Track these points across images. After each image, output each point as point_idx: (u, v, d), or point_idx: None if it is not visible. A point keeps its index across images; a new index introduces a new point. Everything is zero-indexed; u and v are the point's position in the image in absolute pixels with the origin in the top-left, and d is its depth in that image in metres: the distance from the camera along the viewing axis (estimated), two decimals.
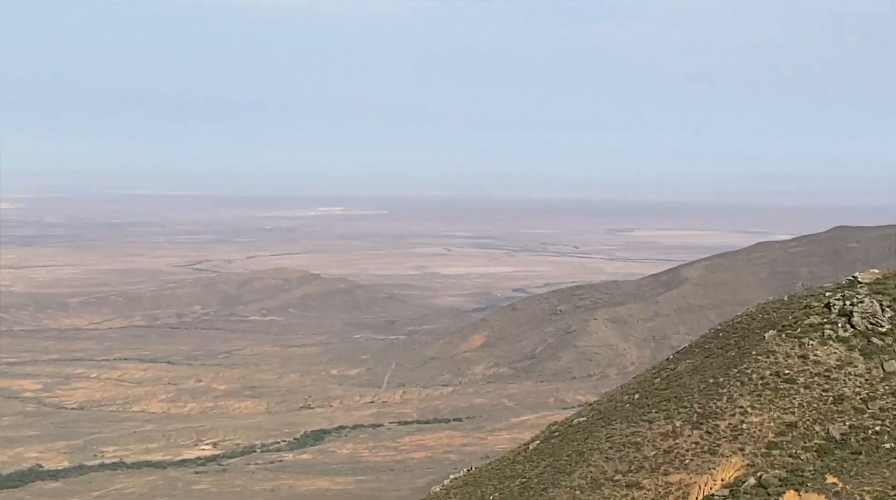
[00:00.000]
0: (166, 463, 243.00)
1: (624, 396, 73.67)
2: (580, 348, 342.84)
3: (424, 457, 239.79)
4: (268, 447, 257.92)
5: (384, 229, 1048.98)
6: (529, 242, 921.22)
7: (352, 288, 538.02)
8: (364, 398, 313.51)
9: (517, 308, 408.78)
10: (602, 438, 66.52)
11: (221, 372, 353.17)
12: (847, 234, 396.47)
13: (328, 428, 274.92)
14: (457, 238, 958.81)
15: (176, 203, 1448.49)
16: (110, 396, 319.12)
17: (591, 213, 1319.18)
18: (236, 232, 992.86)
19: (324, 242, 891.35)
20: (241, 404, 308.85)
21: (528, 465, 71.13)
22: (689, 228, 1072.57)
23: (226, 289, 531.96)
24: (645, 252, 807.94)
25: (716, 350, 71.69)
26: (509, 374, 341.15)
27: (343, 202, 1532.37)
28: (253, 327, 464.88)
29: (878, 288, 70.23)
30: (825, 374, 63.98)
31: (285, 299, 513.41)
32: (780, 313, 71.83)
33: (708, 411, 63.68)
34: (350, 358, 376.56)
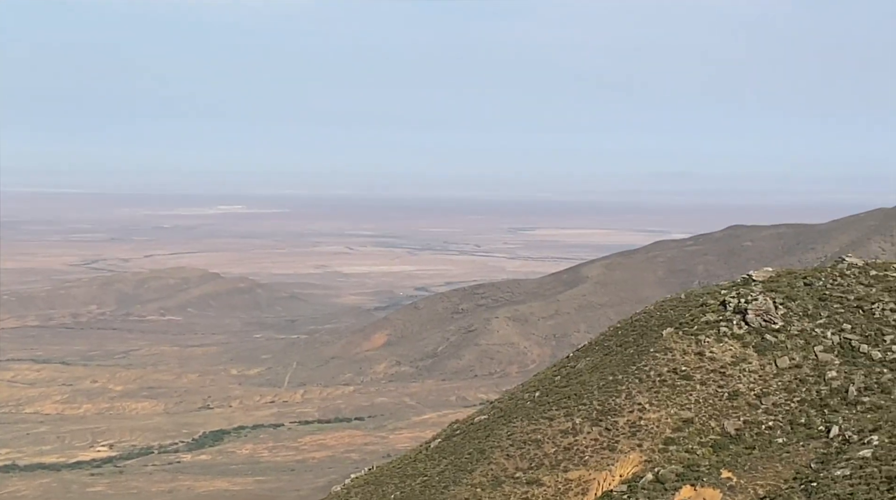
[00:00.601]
0: (61, 465, 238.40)
1: (525, 394, 74.21)
2: (482, 346, 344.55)
3: (325, 456, 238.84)
4: (166, 448, 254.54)
5: (285, 228, 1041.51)
6: (431, 241, 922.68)
7: (252, 287, 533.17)
8: (264, 398, 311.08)
9: (419, 307, 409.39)
10: (503, 436, 66.90)
11: (118, 373, 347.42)
12: (742, 233, 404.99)
13: (227, 428, 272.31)
14: (358, 237, 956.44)
15: (71, 201, 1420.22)
16: (2, 397, 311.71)
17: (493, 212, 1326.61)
18: (134, 230, 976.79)
19: (224, 241, 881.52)
20: (138, 405, 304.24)
21: (429, 463, 71.20)
22: (589, 227, 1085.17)
23: (123, 288, 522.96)
24: (546, 251, 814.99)
25: (615, 348, 72.61)
26: (411, 372, 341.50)
27: (243, 201, 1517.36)
28: (151, 327, 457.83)
29: (772, 286, 71.84)
30: (720, 370, 65.23)
31: (184, 299, 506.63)
32: (678, 310, 73.05)
33: (607, 408, 64.46)
34: (250, 358, 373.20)
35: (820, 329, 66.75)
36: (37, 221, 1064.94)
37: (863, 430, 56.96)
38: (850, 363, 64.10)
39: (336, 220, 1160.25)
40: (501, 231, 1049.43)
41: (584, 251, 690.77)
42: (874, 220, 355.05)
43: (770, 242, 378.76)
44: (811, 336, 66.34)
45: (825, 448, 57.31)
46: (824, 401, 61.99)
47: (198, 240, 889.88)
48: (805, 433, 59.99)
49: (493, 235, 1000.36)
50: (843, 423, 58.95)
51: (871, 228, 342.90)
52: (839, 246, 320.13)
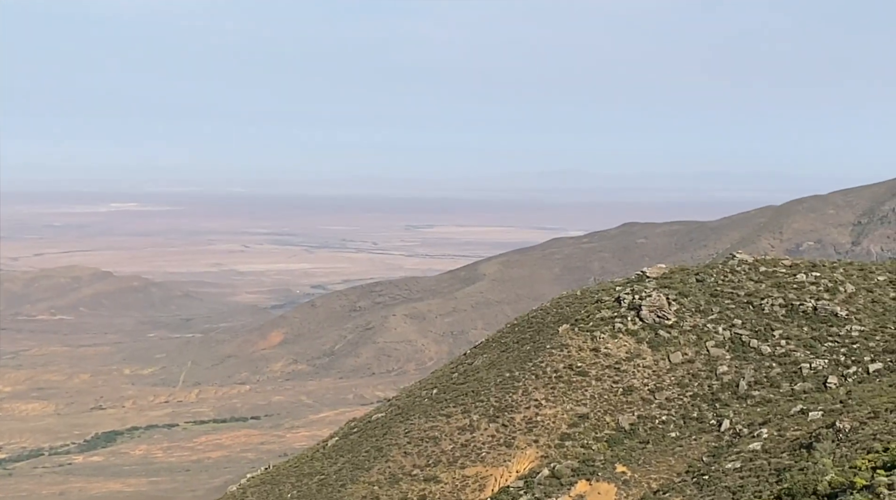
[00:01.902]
0: None
1: (422, 391, 74.18)
2: (379, 344, 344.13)
3: (221, 456, 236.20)
4: (56, 450, 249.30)
5: (178, 226, 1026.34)
6: (328, 239, 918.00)
7: (146, 286, 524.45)
8: (158, 398, 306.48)
9: (316, 305, 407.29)
10: (400, 433, 66.76)
11: (7, 373, 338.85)
12: (636, 230, 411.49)
13: (120, 429, 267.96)
14: (254, 235, 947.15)
15: None
16: None
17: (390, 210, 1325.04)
18: (22, 228, 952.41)
19: (116, 239, 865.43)
20: (28, 406, 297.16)
21: (326, 462, 70.75)
22: (486, 224, 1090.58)
23: (11, 288, 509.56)
24: (443, 248, 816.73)
25: (512, 345, 73.01)
26: (308, 371, 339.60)
27: (136, 198, 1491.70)
28: (41, 327, 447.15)
29: (665, 282, 72.97)
30: (615, 366, 66.02)
31: (76, 298, 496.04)
32: (574, 307, 73.77)
33: (504, 404, 64.74)
34: (144, 357, 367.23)
35: (712, 325, 68.00)
36: None
37: (753, 423, 58.12)
38: (740, 358, 65.41)
39: (231, 218, 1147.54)
40: (399, 229, 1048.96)
41: (480, 249, 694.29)
42: (763, 217, 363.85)
43: (663, 239, 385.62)
44: (703, 332, 67.54)
45: (717, 442, 58.35)
46: (716, 395, 63.16)
47: (90, 238, 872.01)
48: (697, 426, 61.01)
49: (391, 232, 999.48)
50: (733, 417, 60.10)
51: (760, 226, 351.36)
52: (730, 243, 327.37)
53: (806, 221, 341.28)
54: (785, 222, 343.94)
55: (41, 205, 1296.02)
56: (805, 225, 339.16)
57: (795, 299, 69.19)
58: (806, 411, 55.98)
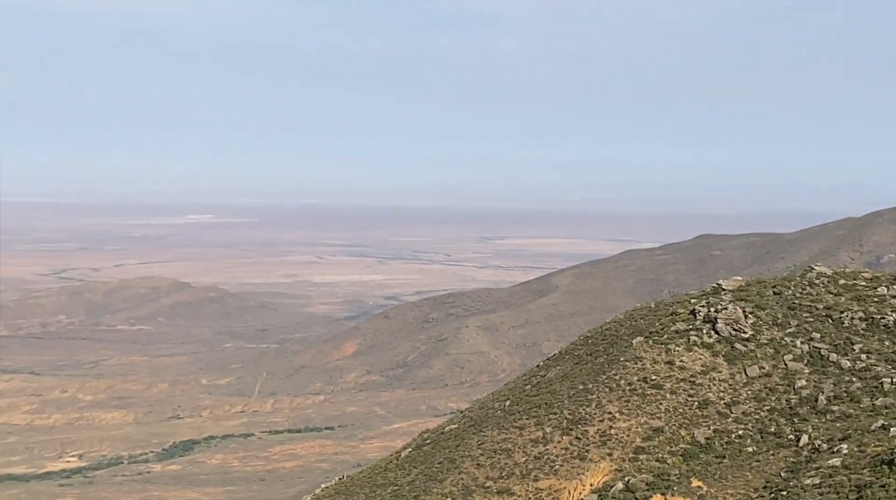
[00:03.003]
0: (29, 476, 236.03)
1: (495, 403, 73.87)
2: (452, 355, 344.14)
3: (296, 466, 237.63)
4: (135, 458, 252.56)
5: (255, 237, 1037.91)
6: (401, 250, 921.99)
7: (222, 296, 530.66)
8: (234, 408, 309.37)
9: (389, 316, 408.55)
10: (473, 445, 66.54)
11: (87, 382, 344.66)
12: (711, 242, 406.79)
13: (198, 438, 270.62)
14: (329, 246, 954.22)
15: (40, 210, 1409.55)
16: None
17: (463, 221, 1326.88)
18: (103, 240, 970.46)
19: (194, 250, 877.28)
20: (107, 415, 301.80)
21: (399, 473, 70.74)
22: (559, 236, 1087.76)
23: (92, 298, 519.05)
24: (516, 260, 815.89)
25: (585, 357, 72.44)
26: (381, 382, 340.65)
27: (213, 210, 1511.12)
28: (120, 337, 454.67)
29: (741, 295, 71.93)
30: (690, 379, 65.16)
31: (154, 308, 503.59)
32: (648, 319, 72.98)
33: (577, 417, 64.23)
34: (220, 367, 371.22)
35: (789, 338, 66.84)
36: (5, 230, 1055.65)
37: (832, 439, 57.00)
38: (819, 372, 64.20)
39: (306, 229, 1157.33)
40: (472, 240, 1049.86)
41: (553, 260, 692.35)
42: (843, 229, 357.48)
43: (739, 251, 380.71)
44: (780, 345, 66.41)
45: (795, 457, 57.31)
46: (794, 410, 62.02)
47: (168, 249, 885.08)
48: (775, 441, 59.96)
49: (464, 244, 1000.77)
50: (812, 432, 58.99)
51: (840, 238, 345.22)
52: (808, 255, 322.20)
53: (887, 233, 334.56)
54: (865, 234, 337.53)
55: (121, 216, 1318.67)
56: (886, 237, 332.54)
57: (876, 313, 67.80)
58: (887, 427, 54.77)
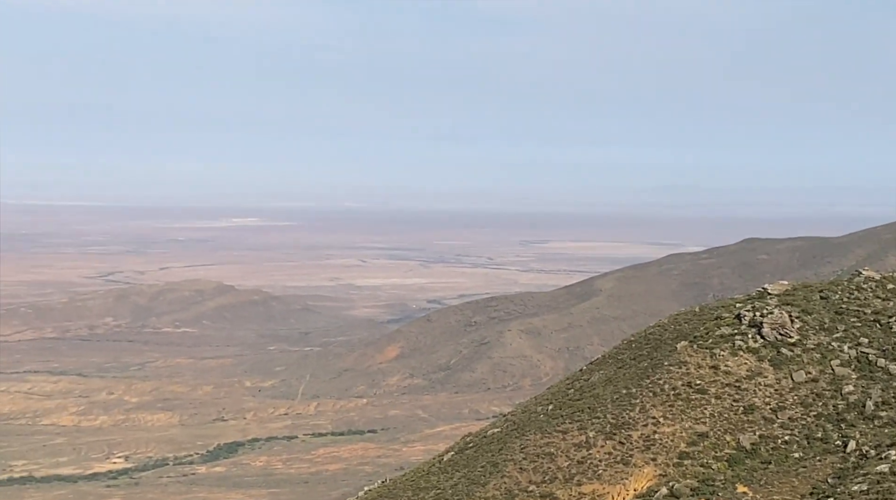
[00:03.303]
0: (77, 477, 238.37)
1: (538, 407, 73.62)
2: (494, 359, 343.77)
3: (339, 469, 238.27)
4: (181, 460, 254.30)
5: (298, 240, 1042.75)
6: (444, 254, 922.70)
7: (266, 299, 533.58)
8: (278, 410, 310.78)
9: (432, 320, 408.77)
10: (516, 449, 66.35)
11: (133, 384, 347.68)
12: (757, 246, 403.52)
13: (242, 440, 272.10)
14: (371, 249, 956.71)
15: (87, 214, 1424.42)
16: (20, 409, 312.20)
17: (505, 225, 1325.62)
18: (148, 243, 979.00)
19: (238, 254, 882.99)
20: (153, 417, 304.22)
21: (442, 476, 70.69)
22: (602, 239, 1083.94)
23: (138, 301, 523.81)
24: (559, 264, 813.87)
25: (629, 361, 72.02)
26: (424, 385, 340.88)
27: (257, 213, 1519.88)
28: (166, 339, 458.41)
29: (787, 299, 71.24)
30: (736, 384, 64.61)
31: (199, 311, 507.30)
32: (692, 324, 72.44)
33: (621, 421, 63.88)
34: (264, 370, 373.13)
35: (836, 343, 66.12)
36: (53, 233, 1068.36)
37: (880, 445, 56.32)
38: (867, 378, 63.45)
39: (349, 232, 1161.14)
40: (514, 244, 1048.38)
41: (597, 264, 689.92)
42: (891, 233, 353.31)
43: (785, 255, 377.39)
44: (827, 350, 65.71)
45: (842, 463, 56.69)
46: (841, 416, 61.34)
47: (212, 252, 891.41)
48: (822, 447, 59.35)
49: (506, 247, 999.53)
50: (860, 438, 58.31)
51: (887, 242, 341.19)
52: (855, 259, 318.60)
53: None
54: None
55: (166, 220, 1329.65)
56: None
57: None
58: None
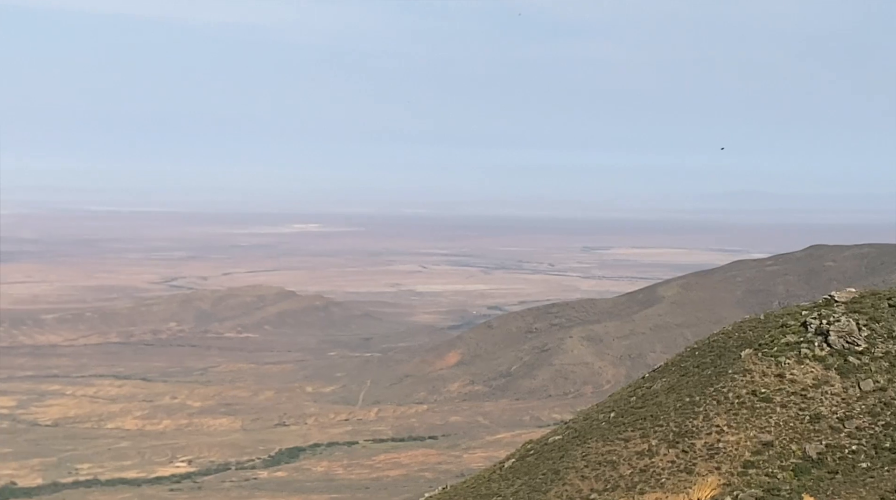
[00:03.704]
0: (141, 480, 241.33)
1: (600, 414, 73.31)
2: (556, 366, 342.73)
3: (400, 475, 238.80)
4: (243, 465, 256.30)
5: (359, 246, 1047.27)
6: (505, 260, 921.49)
7: (327, 305, 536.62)
8: (339, 416, 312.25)
9: (493, 326, 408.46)
10: (578, 456, 66.13)
11: (196, 389, 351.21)
12: (824, 252, 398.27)
13: (303, 445, 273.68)
14: (432, 255, 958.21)
15: (149, 219, 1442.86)
16: (85, 413, 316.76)
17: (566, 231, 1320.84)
18: (211, 248, 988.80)
19: (299, 259, 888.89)
20: (216, 422, 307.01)
21: (503, 483, 70.64)
22: (665, 246, 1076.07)
23: (201, 306, 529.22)
24: (621, 270, 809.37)
25: (692, 369, 71.49)
26: (485, 392, 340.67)
27: (318, 219, 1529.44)
28: (228, 344, 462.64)
29: (855, 307, 70.28)
30: (802, 393, 63.87)
31: (261, 316, 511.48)
32: (757, 331, 71.74)
33: (684, 429, 63.43)
34: (325, 375, 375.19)
35: None
36: (118, 239, 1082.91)
37: None
38: None
39: (410, 238, 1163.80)
40: (575, 250, 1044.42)
41: (659, 271, 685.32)
42: None
43: (853, 262, 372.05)
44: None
45: None
46: None
47: (274, 258, 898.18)
48: (890, 457, 58.47)
49: (567, 254, 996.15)
50: None
51: None
52: None
53: None
54: None
55: (228, 226, 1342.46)
56: None
57: None
58: None
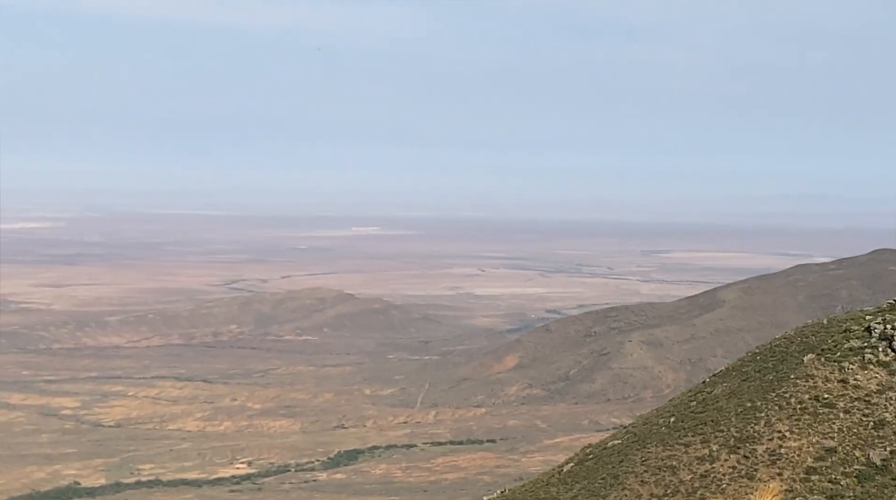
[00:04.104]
0: (202, 481, 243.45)
1: (659, 419, 72.94)
2: (615, 370, 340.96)
3: (458, 478, 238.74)
4: (302, 467, 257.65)
5: (418, 249, 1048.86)
6: (563, 264, 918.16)
7: (386, 308, 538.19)
8: (397, 419, 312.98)
9: (551, 329, 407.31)
10: (637, 461, 65.85)
11: (256, 391, 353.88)
12: (887, 257, 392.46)
13: (362, 448, 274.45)
14: (491, 259, 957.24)
15: (211, 223, 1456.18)
16: (147, 414, 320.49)
17: (625, 235, 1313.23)
18: (271, 251, 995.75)
19: (358, 262, 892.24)
20: (275, 423, 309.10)
21: (562, 488, 70.51)
22: (726, 250, 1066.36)
23: (261, 308, 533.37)
24: (680, 274, 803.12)
25: (753, 374, 70.90)
26: (543, 395, 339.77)
27: (377, 222, 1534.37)
28: (288, 347, 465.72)
29: None
30: (865, 399, 63.10)
31: (320, 319, 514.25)
32: (820, 336, 70.99)
33: (745, 435, 62.94)
34: (384, 378, 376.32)
35: None
36: (179, 242, 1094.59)
37: None
38: None
39: (468, 242, 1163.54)
40: (635, 254, 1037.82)
41: (720, 275, 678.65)
42: None
43: None
44: None
45: None
46: None
47: (333, 261, 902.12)
48: None
49: (627, 257, 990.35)
50: None
51: None
52: None
53: None
54: None
55: (288, 229, 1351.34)
56: None
57: None
58: None
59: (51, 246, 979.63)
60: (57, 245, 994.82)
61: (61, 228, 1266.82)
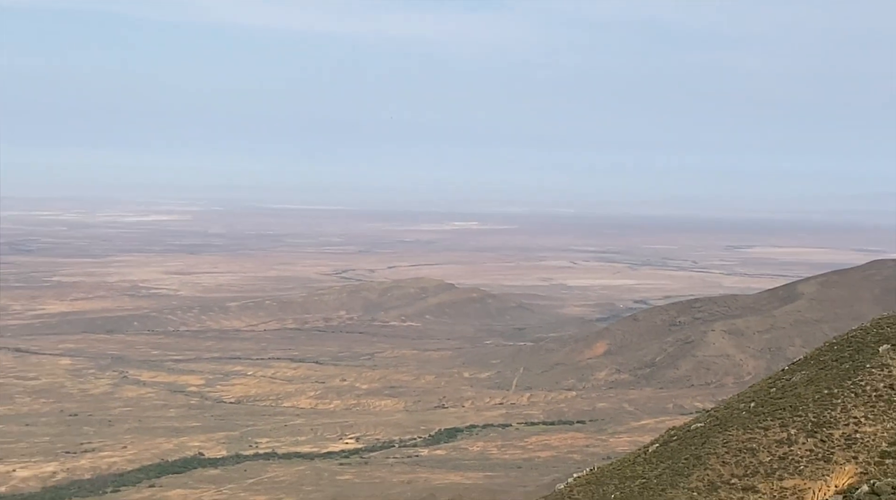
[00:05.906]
0: (314, 455, 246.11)
1: (740, 404, 72.19)
2: (698, 357, 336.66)
3: (550, 456, 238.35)
4: (405, 443, 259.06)
5: (514, 243, 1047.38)
6: (650, 257, 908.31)
7: (483, 297, 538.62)
8: (494, 400, 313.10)
9: (638, 319, 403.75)
10: (719, 443, 65.33)
11: (364, 373, 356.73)
12: None
13: (460, 427, 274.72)
14: (582, 252, 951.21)
15: (323, 217, 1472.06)
16: (264, 392, 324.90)
17: (710, 230, 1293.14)
18: (378, 244, 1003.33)
19: (458, 255, 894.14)
20: (381, 403, 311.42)
21: (647, 466, 70.25)
22: (805, 245, 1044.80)
23: (369, 296, 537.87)
24: (762, 268, 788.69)
25: (830, 362, 69.79)
26: (630, 380, 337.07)
27: (477, 217, 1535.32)
28: (393, 332, 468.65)
29: None
30: None
31: (422, 307, 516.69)
32: (894, 328, 69.62)
33: (822, 420, 62.03)
34: (481, 362, 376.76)
35: None
36: (296, 234, 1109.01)
37: None
38: None
39: (561, 236, 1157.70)
40: (718, 249, 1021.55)
41: (799, 269, 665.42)
42: None
43: None
44: None
45: None
46: None
47: (435, 253, 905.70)
48: None
49: (711, 252, 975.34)
50: None
51: None
52: None
53: None
54: None
55: (395, 223, 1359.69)
56: None
57: None
58: None
59: (179, 237, 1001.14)
60: (184, 236, 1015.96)
61: (188, 221, 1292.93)
